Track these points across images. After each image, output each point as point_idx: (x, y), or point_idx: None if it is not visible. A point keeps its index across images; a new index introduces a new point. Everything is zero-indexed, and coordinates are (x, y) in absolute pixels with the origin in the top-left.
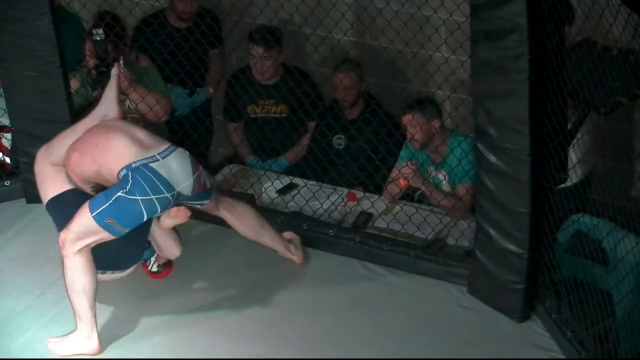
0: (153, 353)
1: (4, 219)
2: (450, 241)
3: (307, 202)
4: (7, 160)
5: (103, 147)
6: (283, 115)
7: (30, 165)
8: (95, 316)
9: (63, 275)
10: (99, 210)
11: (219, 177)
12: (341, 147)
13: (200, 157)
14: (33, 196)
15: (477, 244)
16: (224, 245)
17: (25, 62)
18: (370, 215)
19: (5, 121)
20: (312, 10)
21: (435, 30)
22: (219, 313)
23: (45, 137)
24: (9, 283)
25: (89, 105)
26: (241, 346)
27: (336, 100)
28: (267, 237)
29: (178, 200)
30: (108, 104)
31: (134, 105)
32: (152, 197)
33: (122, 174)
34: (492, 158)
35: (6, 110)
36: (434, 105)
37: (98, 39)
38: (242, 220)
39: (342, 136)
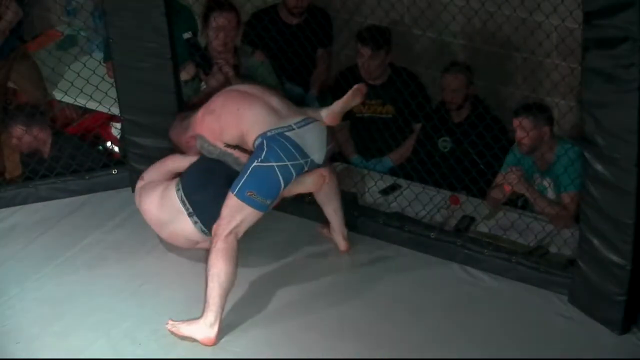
0: (252, 347)
1: (110, 207)
2: (553, 249)
3: (409, 204)
4: (116, 149)
5: (244, 113)
6: (389, 115)
7: (139, 155)
8: (223, 307)
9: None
10: (238, 186)
11: None
12: (446, 149)
13: None
14: None
15: (580, 253)
16: (326, 242)
17: (137, 53)
18: (472, 219)
19: (116, 111)
20: (423, 12)
21: (546, 36)
22: (316, 309)
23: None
24: (111, 271)
25: (198, 97)
26: (338, 344)
27: (443, 102)
28: (331, 208)
29: (310, 168)
30: None
31: None
32: (287, 163)
33: (257, 142)
34: (599, 167)
35: (117, 99)
36: (546, 111)
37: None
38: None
39: (447, 139)
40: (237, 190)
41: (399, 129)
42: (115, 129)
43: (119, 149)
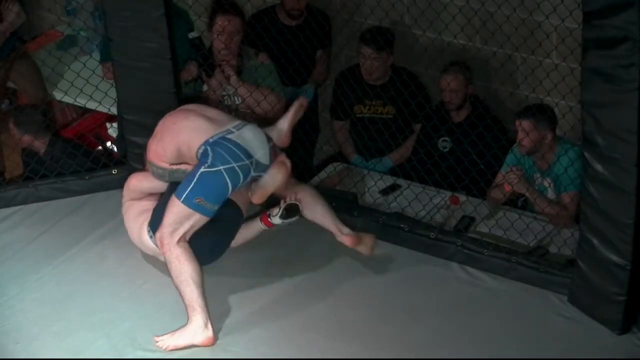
0: (252, 347)
1: (111, 206)
2: (553, 249)
3: (409, 204)
4: (115, 149)
5: (180, 126)
6: (389, 116)
7: (138, 155)
8: (207, 305)
9: (169, 271)
10: (185, 193)
11: (323, 174)
12: (446, 149)
13: (306, 154)
14: None
15: (580, 253)
16: (323, 242)
17: (137, 53)
18: (472, 219)
19: (116, 111)
20: (423, 12)
21: (546, 36)
22: (316, 309)
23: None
24: (111, 271)
25: (196, 98)
26: (338, 344)
27: (443, 103)
28: (319, 215)
29: (257, 170)
30: None
31: (241, 99)
32: (234, 164)
33: (200, 150)
34: (599, 167)
35: (116, 99)
36: (550, 115)
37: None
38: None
39: (447, 139)
40: (184, 197)
41: (399, 129)
42: (113, 129)
43: (117, 148)
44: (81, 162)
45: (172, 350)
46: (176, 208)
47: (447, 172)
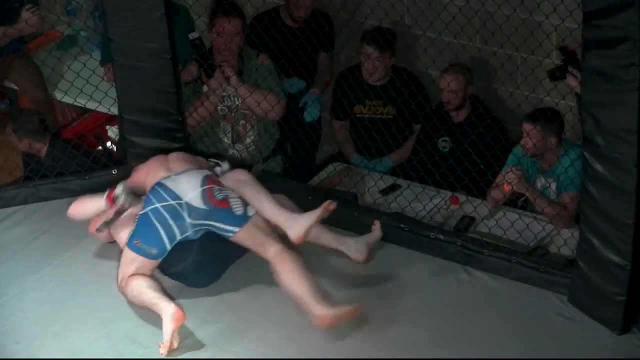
0: (252, 347)
1: None
2: (553, 249)
3: (409, 204)
4: (115, 149)
5: (147, 179)
6: (389, 116)
7: (138, 155)
8: (163, 292)
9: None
10: (129, 237)
11: (323, 174)
12: (446, 149)
13: (307, 154)
14: None
15: (580, 253)
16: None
17: (137, 53)
18: (472, 219)
19: (116, 111)
20: (423, 12)
21: (546, 36)
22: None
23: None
24: (111, 271)
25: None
26: (338, 344)
27: (443, 103)
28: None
29: (192, 213)
30: None
31: (241, 100)
32: (157, 205)
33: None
34: (599, 167)
35: (116, 99)
36: (557, 120)
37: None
38: (286, 277)
39: (447, 139)
40: (128, 241)
41: (399, 130)
42: (112, 131)
43: (117, 150)
44: (81, 162)
45: (169, 349)
46: (125, 252)
47: (447, 172)
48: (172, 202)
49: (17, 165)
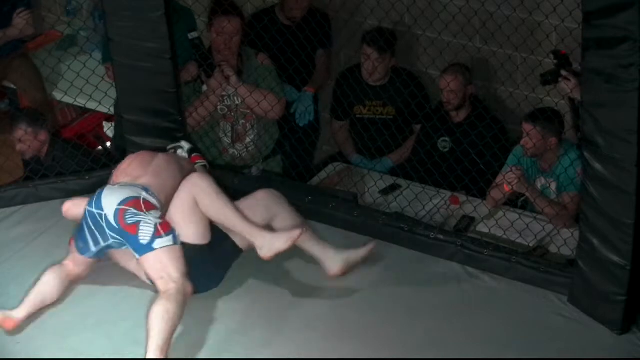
0: (252, 347)
1: None
2: (553, 249)
3: (409, 204)
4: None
5: (114, 177)
6: (389, 117)
7: None
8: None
9: None
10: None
11: (323, 174)
12: (446, 149)
13: (306, 154)
14: None
15: (580, 253)
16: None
17: (137, 53)
18: (472, 219)
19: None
20: (423, 12)
21: (546, 36)
22: (316, 310)
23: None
24: (111, 270)
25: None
26: (338, 344)
27: (443, 103)
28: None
29: (109, 226)
30: None
31: (241, 100)
32: (89, 209)
33: None
34: (598, 167)
35: (116, 99)
36: (557, 120)
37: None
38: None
39: (447, 139)
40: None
41: (399, 130)
42: (107, 127)
43: (111, 146)
44: (81, 162)
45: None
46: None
47: (447, 172)
48: (93, 209)
49: (17, 166)
